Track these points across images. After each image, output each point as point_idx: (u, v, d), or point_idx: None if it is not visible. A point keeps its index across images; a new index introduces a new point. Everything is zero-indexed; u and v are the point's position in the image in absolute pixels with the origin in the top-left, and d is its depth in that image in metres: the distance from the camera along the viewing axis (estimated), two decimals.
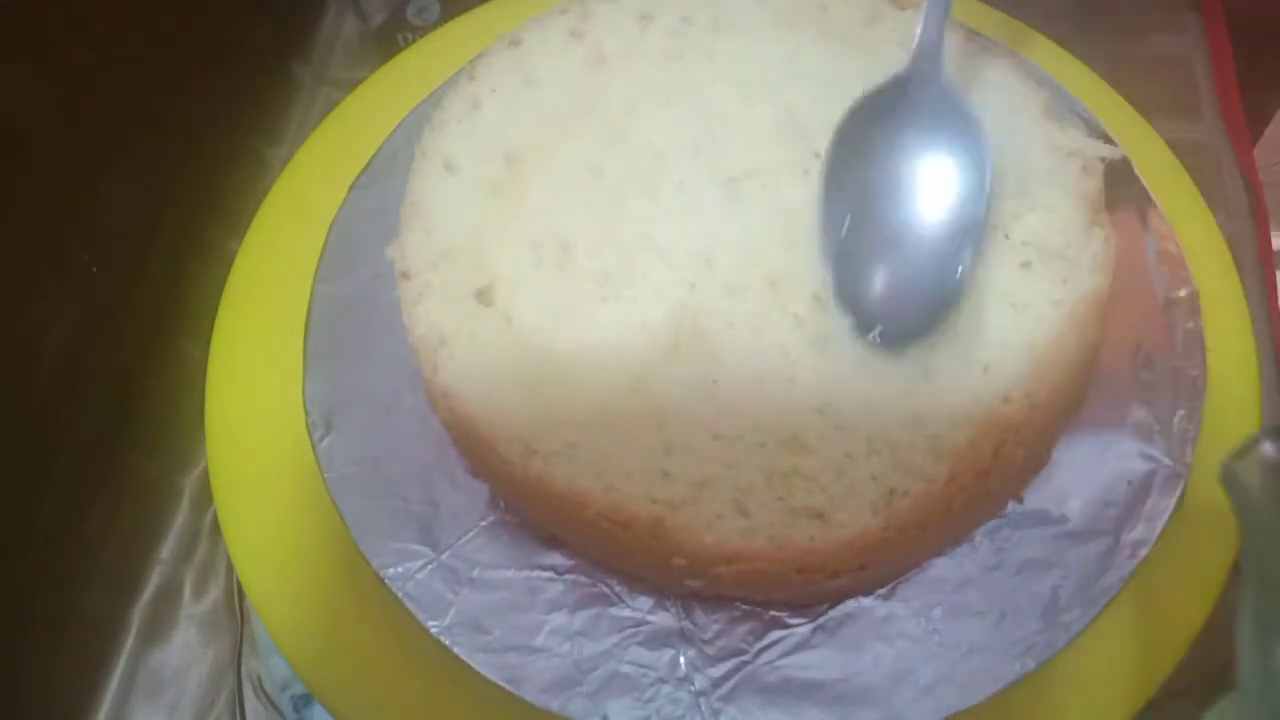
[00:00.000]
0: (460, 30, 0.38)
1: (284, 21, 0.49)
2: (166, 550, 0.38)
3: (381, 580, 0.26)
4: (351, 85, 0.37)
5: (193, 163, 0.41)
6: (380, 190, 0.32)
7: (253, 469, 0.30)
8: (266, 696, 0.34)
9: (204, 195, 0.42)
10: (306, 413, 0.29)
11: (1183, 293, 0.30)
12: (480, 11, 0.38)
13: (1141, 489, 0.27)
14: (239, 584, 0.36)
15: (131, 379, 0.38)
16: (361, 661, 0.27)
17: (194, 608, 0.37)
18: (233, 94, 0.44)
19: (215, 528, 0.38)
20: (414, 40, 0.45)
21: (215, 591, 0.37)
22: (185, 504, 0.39)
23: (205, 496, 0.38)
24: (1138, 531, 0.26)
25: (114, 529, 0.36)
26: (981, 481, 0.25)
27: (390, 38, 0.46)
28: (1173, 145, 0.35)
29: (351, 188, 0.32)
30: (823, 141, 0.29)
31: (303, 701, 0.33)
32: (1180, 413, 0.28)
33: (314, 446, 0.28)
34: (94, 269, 0.35)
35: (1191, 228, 0.32)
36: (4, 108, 0.32)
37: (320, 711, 0.33)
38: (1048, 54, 0.36)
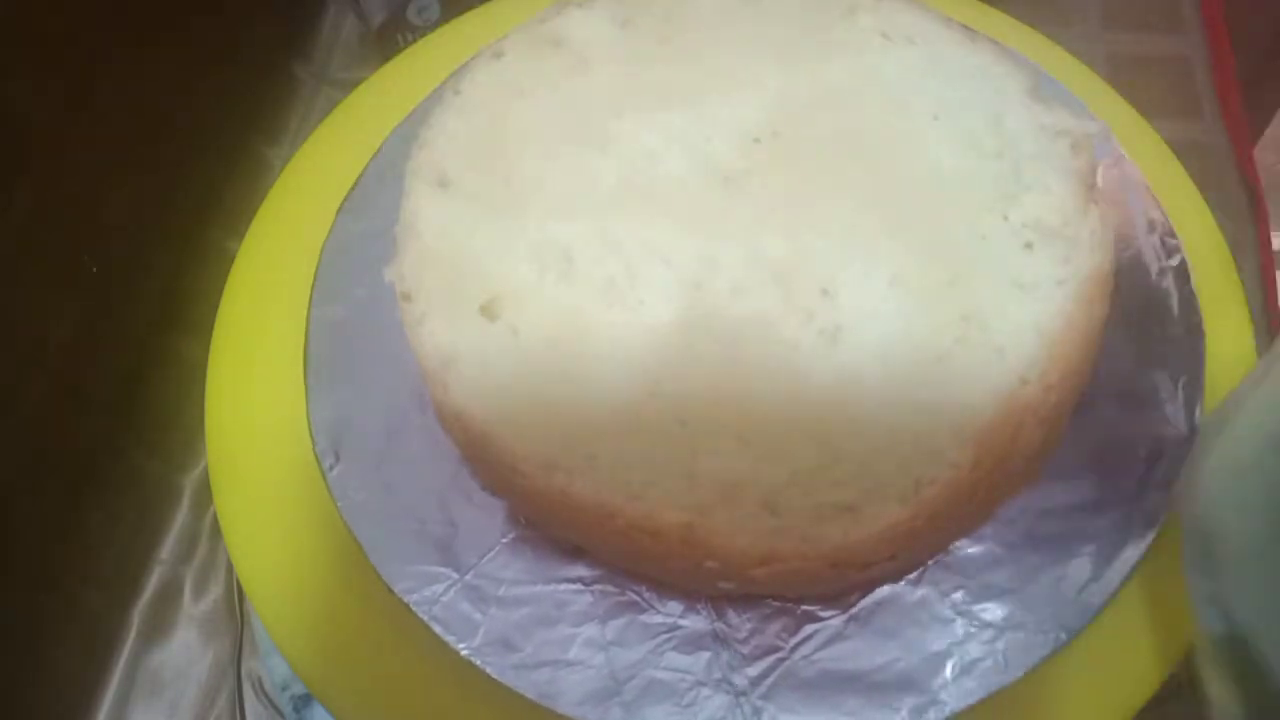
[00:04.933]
0: (461, 30, 0.37)
1: (284, 21, 0.49)
2: (166, 550, 0.38)
3: (380, 578, 0.26)
4: (351, 85, 0.37)
5: (193, 163, 0.41)
6: (368, 211, 0.32)
7: (253, 469, 0.29)
8: (266, 696, 0.34)
9: (204, 195, 0.42)
10: (314, 441, 0.28)
11: (1174, 261, 0.30)
12: (481, 11, 0.38)
13: (1153, 457, 0.27)
14: (239, 584, 0.36)
15: (131, 379, 0.38)
16: (362, 662, 0.27)
17: (194, 608, 0.37)
18: (233, 94, 0.44)
19: (215, 528, 0.38)
20: (414, 40, 0.45)
21: (215, 591, 0.37)
22: (185, 504, 0.39)
23: (205, 496, 0.38)
24: (1151, 501, 0.27)
25: (114, 529, 0.36)
26: (1003, 464, 0.25)
27: (390, 38, 0.46)
28: (1173, 145, 0.34)
29: (339, 211, 0.32)
30: (814, 131, 0.29)
31: (303, 701, 0.33)
32: (1183, 379, 0.28)
33: (324, 475, 0.28)
34: (94, 269, 0.35)
35: (1191, 228, 0.32)
36: (4, 108, 0.32)
37: (320, 711, 0.33)
38: (1047, 53, 0.36)
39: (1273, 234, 0.42)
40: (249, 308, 0.32)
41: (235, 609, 0.36)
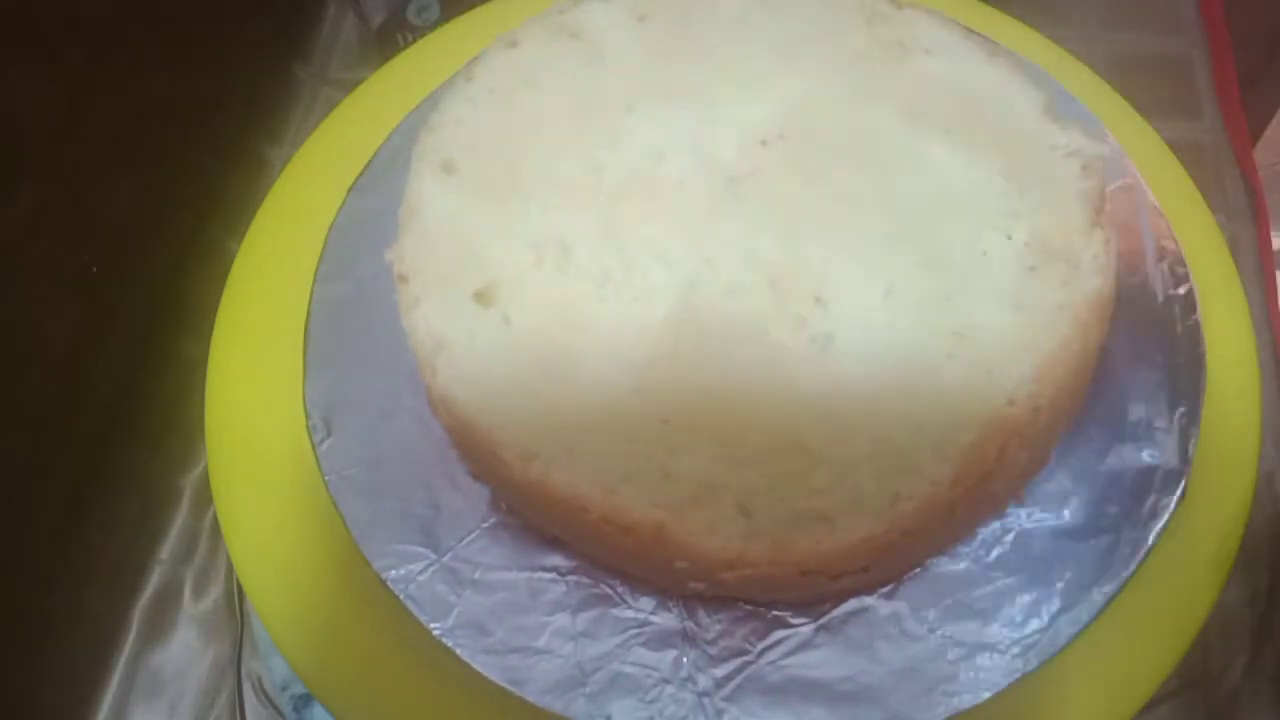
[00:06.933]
0: (460, 30, 0.37)
1: (284, 21, 0.49)
2: (166, 550, 0.38)
3: (382, 581, 0.26)
4: (351, 85, 0.37)
5: (193, 163, 0.41)
6: (379, 192, 0.32)
7: (253, 469, 0.30)
8: (266, 696, 0.34)
9: (204, 195, 0.42)
10: (307, 415, 0.29)
11: (1182, 290, 0.30)
12: (480, 11, 0.38)
13: (1142, 487, 0.27)
14: (239, 584, 0.36)
15: (131, 379, 0.38)
16: (361, 661, 0.27)
17: (194, 608, 0.37)
18: (233, 94, 0.44)
19: (215, 528, 0.38)
20: (414, 40, 0.45)
21: (215, 591, 0.37)
22: (185, 504, 0.39)
23: (205, 496, 0.38)
24: (1138, 530, 0.26)
25: (114, 529, 0.37)
26: (984, 483, 0.25)
27: (390, 38, 0.46)
28: (1173, 145, 0.34)
29: (350, 190, 0.32)
30: (822, 138, 0.29)
31: (303, 701, 0.33)
32: (1180, 410, 0.28)
33: (314, 449, 0.28)
34: (94, 269, 0.35)
35: (1191, 228, 0.32)
36: (4, 108, 0.32)
37: (320, 711, 0.33)
38: (1048, 53, 0.36)
39: (1273, 234, 0.42)
40: (249, 307, 0.32)
41: (235, 609, 0.36)
